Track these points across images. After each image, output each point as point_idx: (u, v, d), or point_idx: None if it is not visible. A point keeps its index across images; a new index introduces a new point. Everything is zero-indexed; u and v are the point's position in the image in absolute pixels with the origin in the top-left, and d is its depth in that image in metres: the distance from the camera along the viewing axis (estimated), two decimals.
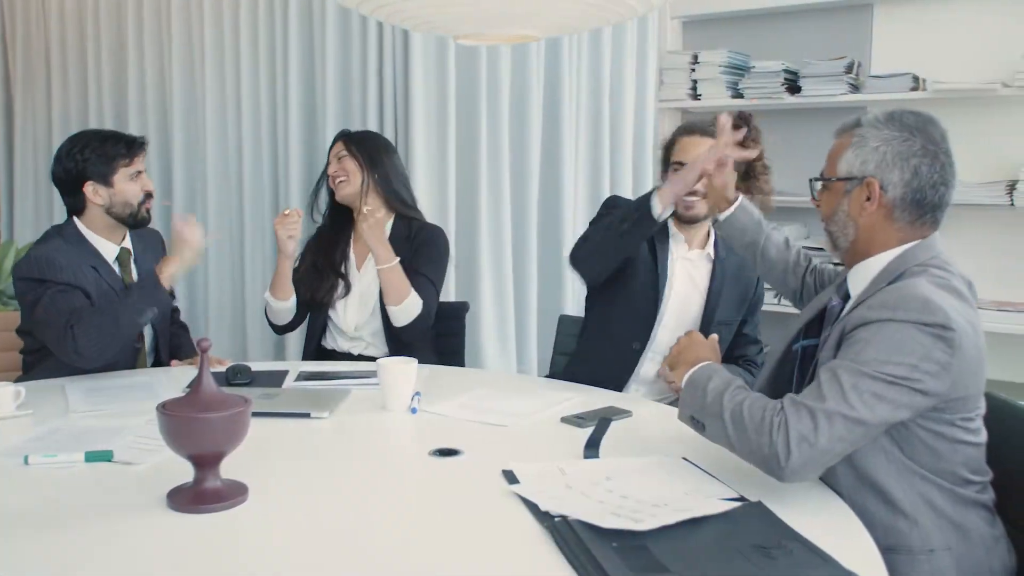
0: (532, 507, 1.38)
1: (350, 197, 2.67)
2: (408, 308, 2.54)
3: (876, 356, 1.39)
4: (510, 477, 1.53)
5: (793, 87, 3.60)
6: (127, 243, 2.44)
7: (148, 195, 2.41)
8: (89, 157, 2.33)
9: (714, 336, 1.73)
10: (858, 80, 3.49)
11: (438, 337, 2.76)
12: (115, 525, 1.35)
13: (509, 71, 3.27)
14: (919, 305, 1.40)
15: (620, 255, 2.29)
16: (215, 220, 3.57)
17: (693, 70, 3.77)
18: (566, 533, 1.26)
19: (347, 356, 2.67)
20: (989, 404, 1.56)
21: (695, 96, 3.78)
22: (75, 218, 2.38)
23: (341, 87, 3.26)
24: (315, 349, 2.72)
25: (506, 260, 3.28)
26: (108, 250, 2.39)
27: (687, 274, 2.41)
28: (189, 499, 1.40)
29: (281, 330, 2.76)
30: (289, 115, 3.32)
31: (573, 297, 3.46)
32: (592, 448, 1.67)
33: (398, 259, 2.53)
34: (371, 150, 2.69)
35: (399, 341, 2.61)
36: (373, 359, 2.45)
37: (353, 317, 2.66)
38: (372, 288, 2.64)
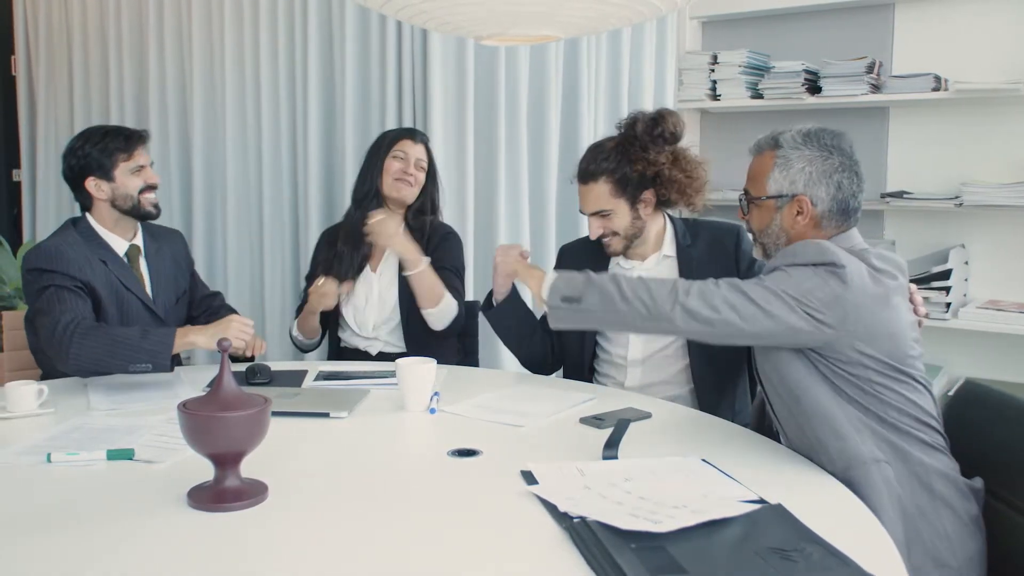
0: (551, 508, 1.38)
1: (408, 201, 2.67)
2: (445, 311, 2.55)
3: (775, 280, 1.67)
4: (528, 478, 1.53)
5: (813, 87, 3.57)
6: (138, 240, 2.45)
7: (149, 187, 2.40)
8: (90, 152, 2.35)
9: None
10: (879, 80, 3.46)
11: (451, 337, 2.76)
12: (136, 523, 1.36)
13: (527, 71, 3.27)
14: (814, 250, 1.67)
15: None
16: (234, 219, 3.59)
17: (712, 70, 3.76)
18: (585, 534, 1.26)
19: (365, 355, 2.67)
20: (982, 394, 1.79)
21: (714, 97, 3.76)
22: (87, 214, 2.41)
23: (360, 87, 3.28)
24: (334, 348, 2.73)
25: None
26: (118, 245, 2.40)
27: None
28: (209, 498, 1.41)
29: (306, 347, 2.76)
30: (308, 115, 3.34)
31: None
32: (611, 449, 1.67)
33: (427, 259, 2.53)
34: (433, 163, 2.73)
35: (417, 339, 2.61)
36: (391, 356, 2.46)
37: (372, 318, 2.66)
38: (391, 289, 2.64)
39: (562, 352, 2.46)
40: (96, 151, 2.35)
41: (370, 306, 2.66)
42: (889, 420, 1.65)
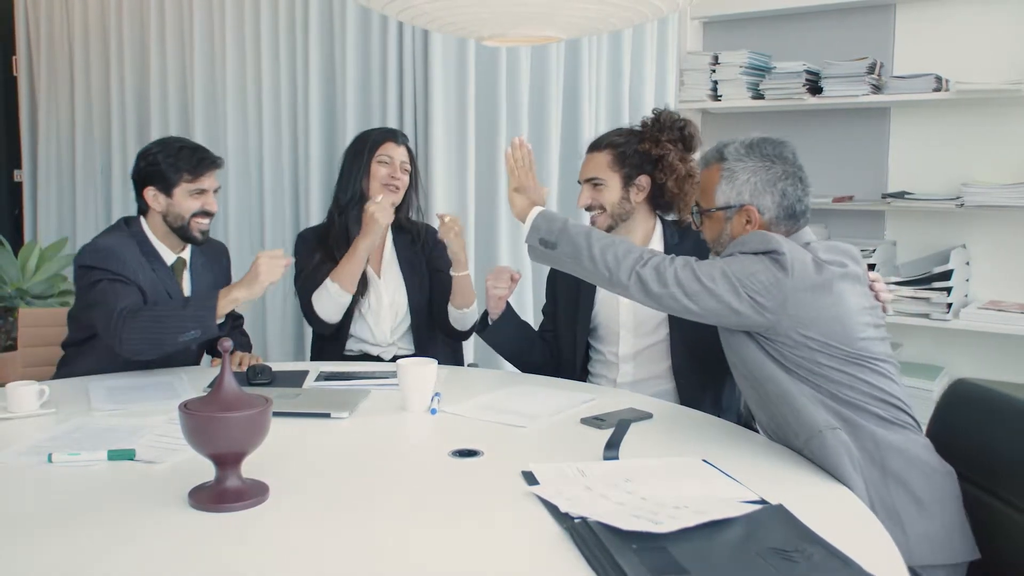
0: (552, 508, 1.38)
1: (393, 207, 2.62)
2: (474, 311, 2.57)
3: (727, 261, 1.76)
4: (529, 478, 1.53)
5: (815, 88, 3.57)
6: (185, 254, 2.46)
7: (204, 213, 2.39)
8: (159, 162, 2.36)
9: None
10: (880, 81, 3.46)
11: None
12: (137, 523, 1.36)
13: (528, 71, 3.27)
14: (757, 240, 1.75)
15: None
16: (235, 219, 3.59)
17: (713, 71, 3.76)
18: (586, 534, 1.26)
19: (377, 360, 2.65)
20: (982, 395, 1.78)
21: (715, 97, 3.76)
22: (142, 217, 2.42)
23: (361, 87, 3.27)
24: (339, 357, 2.68)
25: (525, 261, 3.28)
26: (167, 256, 2.42)
27: None
28: (211, 498, 1.41)
29: (327, 327, 2.60)
30: (309, 115, 3.34)
31: None
32: (612, 449, 1.67)
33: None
34: (416, 166, 2.71)
35: (422, 341, 2.61)
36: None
37: (389, 325, 2.64)
38: (400, 293, 2.64)
39: (558, 355, 2.47)
40: (165, 163, 2.35)
41: (384, 313, 2.64)
42: (842, 396, 1.72)
